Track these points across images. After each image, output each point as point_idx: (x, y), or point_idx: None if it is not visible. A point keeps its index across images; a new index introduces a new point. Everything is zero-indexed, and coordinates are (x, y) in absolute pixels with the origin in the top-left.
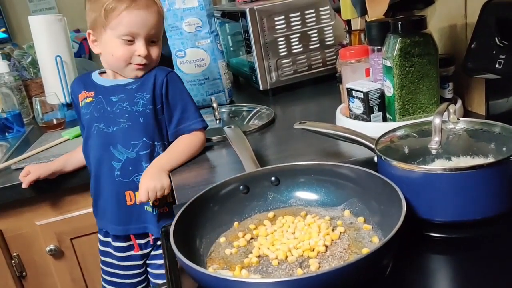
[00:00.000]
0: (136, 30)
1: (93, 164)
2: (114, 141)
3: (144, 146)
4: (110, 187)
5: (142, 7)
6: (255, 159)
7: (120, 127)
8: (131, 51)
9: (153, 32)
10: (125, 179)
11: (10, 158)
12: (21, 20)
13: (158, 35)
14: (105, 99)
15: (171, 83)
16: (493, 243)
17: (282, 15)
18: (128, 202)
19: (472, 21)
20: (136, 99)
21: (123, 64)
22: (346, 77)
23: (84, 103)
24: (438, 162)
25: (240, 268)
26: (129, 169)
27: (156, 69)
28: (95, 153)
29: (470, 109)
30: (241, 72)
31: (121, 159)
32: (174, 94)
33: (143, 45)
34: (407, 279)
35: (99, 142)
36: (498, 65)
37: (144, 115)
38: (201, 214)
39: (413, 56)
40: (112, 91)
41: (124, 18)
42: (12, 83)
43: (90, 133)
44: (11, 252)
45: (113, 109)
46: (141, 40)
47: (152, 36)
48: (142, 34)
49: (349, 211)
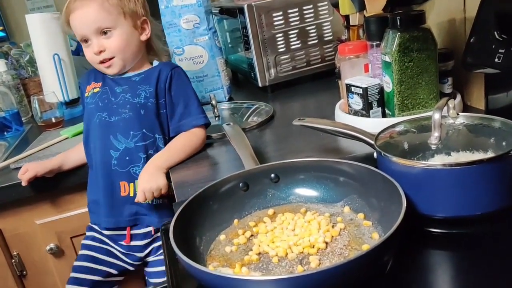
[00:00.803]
0: (81, 32)
1: (93, 154)
2: (114, 130)
3: (143, 138)
4: (106, 176)
5: (78, 7)
6: (254, 156)
7: (121, 117)
8: (91, 51)
9: (96, 26)
10: (121, 169)
11: (9, 157)
12: (19, 18)
13: (107, 25)
14: (110, 90)
15: (175, 78)
16: (493, 238)
17: (280, 11)
18: (122, 193)
19: (471, 16)
20: (139, 91)
21: (95, 65)
22: (345, 73)
23: (91, 93)
24: (438, 157)
25: (241, 266)
26: (126, 159)
27: (162, 64)
28: (95, 142)
29: (470, 104)
30: (240, 69)
31: (119, 148)
32: (177, 89)
33: (95, 43)
34: (407, 275)
35: (101, 131)
36: (497, 59)
37: (145, 108)
38: (201, 212)
39: (412, 51)
40: (117, 82)
41: (72, 24)
42: (10, 82)
43: (93, 122)
44: (11, 251)
45: (116, 99)
46: (92, 39)
47: (99, 29)
48: (88, 32)
49: (349, 207)
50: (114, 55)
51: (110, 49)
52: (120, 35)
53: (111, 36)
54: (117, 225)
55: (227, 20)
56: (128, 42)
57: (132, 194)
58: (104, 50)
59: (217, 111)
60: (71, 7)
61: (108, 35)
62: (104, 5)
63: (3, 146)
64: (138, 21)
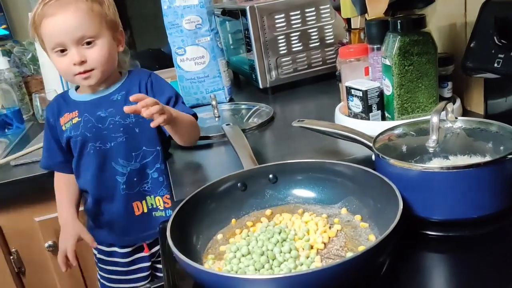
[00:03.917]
0: (58, 40)
1: (91, 184)
2: (114, 156)
3: (146, 155)
4: (117, 202)
5: (57, 12)
6: (253, 156)
7: (117, 141)
8: (68, 61)
9: (80, 34)
10: (131, 190)
11: (10, 154)
12: (22, 16)
13: (91, 34)
14: (92, 116)
15: (155, 82)
16: (490, 241)
17: (282, 13)
18: (136, 212)
19: (472, 20)
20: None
21: (70, 77)
22: (345, 75)
23: (70, 125)
24: (436, 160)
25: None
26: (134, 180)
27: (135, 73)
28: (93, 172)
29: (469, 109)
30: (241, 70)
31: (124, 172)
32: (160, 90)
33: (76, 52)
34: (403, 277)
35: (98, 160)
36: (497, 64)
37: (139, 125)
38: (199, 211)
39: (412, 55)
40: (96, 105)
41: (45, 29)
42: (12, 79)
43: (85, 153)
44: (10, 248)
45: (105, 125)
46: (71, 48)
47: (82, 38)
48: (68, 41)
49: (346, 209)
50: (95, 67)
51: (92, 60)
52: (103, 46)
53: (94, 46)
54: (136, 242)
55: (229, 22)
56: (109, 54)
57: (146, 210)
58: (86, 61)
59: (217, 111)
60: (46, 11)
61: (91, 45)
62: (89, 13)
63: (4, 143)
64: (116, 32)
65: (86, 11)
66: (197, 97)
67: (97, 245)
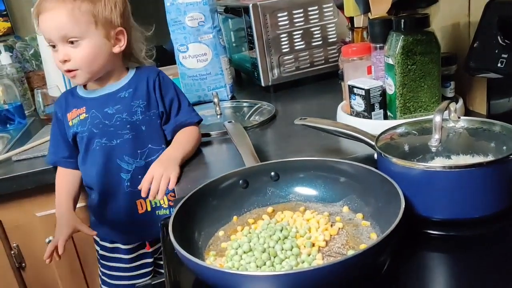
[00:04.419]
0: (48, 36)
1: (96, 180)
2: (119, 153)
3: (151, 152)
4: (120, 199)
5: (47, 9)
6: (255, 154)
7: (124, 138)
8: (56, 58)
9: (63, 33)
10: (136, 188)
11: (11, 149)
12: (24, 12)
13: (74, 34)
14: (99, 112)
15: (163, 83)
16: (492, 241)
17: (285, 11)
18: (140, 210)
19: (475, 20)
20: (134, 108)
21: (63, 72)
22: (348, 74)
23: (78, 121)
24: (438, 160)
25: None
26: (138, 178)
27: (143, 71)
28: (98, 168)
29: (472, 108)
30: (243, 68)
31: (129, 169)
32: (167, 93)
33: (61, 50)
34: (404, 276)
35: (103, 156)
36: (500, 64)
37: (145, 123)
38: (200, 208)
39: (415, 54)
40: (104, 102)
41: (40, 24)
42: (14, 75)
43: (91, 149)
44: (11, 243)
45: (111, 122)
46: (58, 45)
47: (65, 37)
48: (55, 38)
49: (348, 207)
50: (79, 68)
51: (75, 61)
52: (87, 47)
53: (78, 46)
54: (139, 241)
55: (232, 19)
56: (96, 55)
57: (149, 209)
58: (69, 60)
59: (219, 109)
60: (41, 6)
61: (75, 45)
62: (74, 12)
63: (5, 138)
64: (112, 31)
65: (70, 10)
66: (199, 94)
67: (100, 241)
